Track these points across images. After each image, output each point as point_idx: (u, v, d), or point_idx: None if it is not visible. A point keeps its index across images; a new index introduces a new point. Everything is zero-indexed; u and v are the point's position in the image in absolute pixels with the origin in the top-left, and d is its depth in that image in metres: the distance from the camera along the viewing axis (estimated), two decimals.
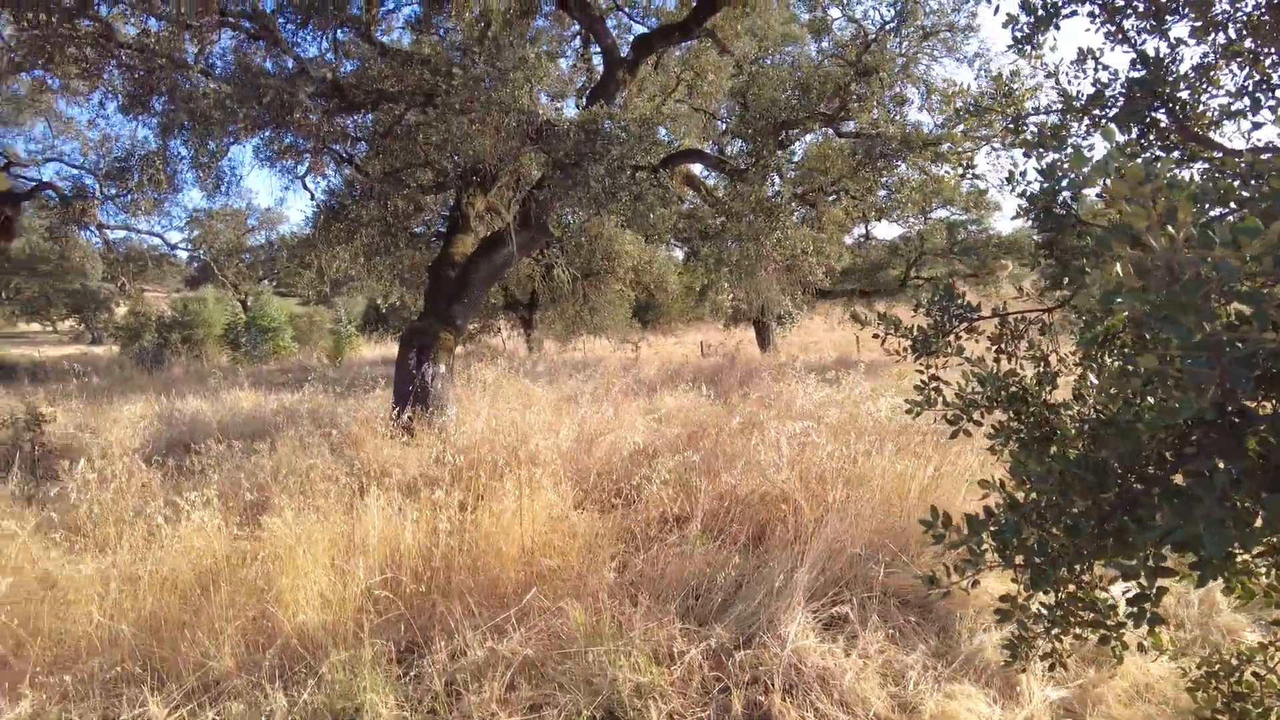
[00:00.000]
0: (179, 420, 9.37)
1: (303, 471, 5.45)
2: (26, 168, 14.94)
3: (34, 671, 3.11)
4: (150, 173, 7.12)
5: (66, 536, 4.28)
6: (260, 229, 20.60)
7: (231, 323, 23.14)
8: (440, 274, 8.77)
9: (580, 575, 4.06)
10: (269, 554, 3.89)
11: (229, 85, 6.37)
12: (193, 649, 3.34)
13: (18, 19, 6.49)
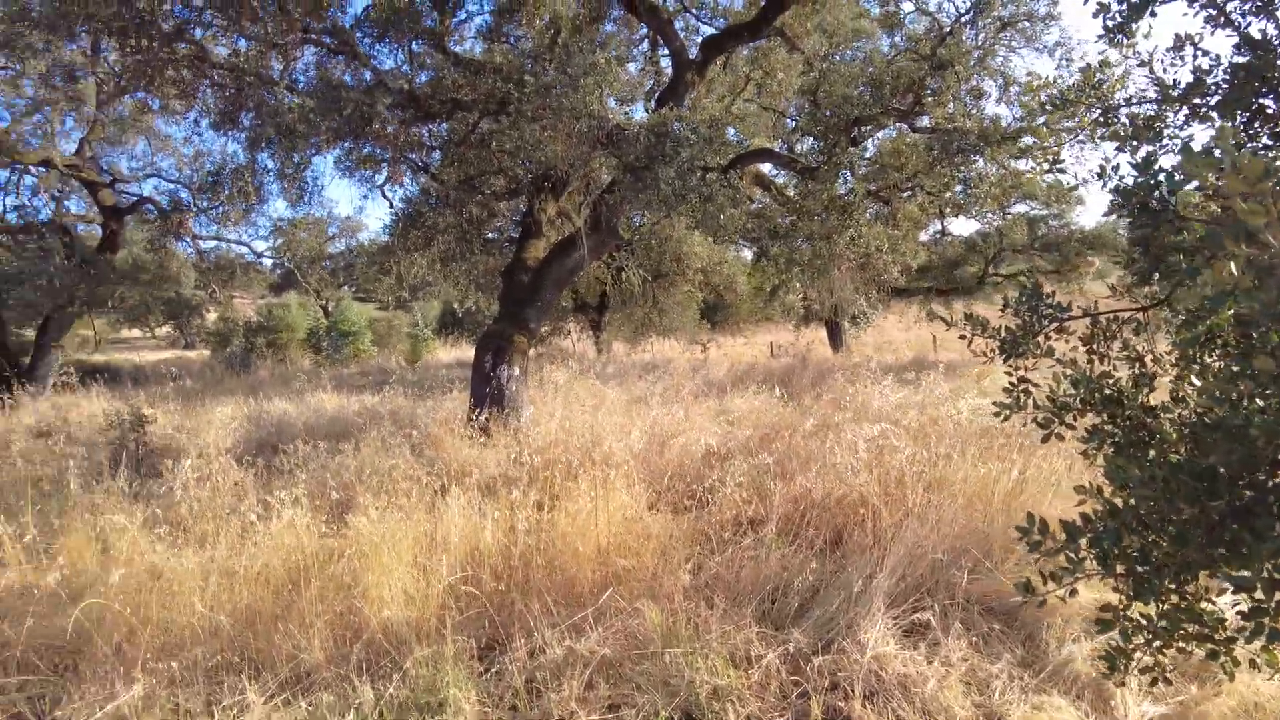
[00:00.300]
0: (267, 421, 9.78)
1: (385, 471, 5.62)
2: (129, 184, 15.85)
3: (145, 658, 3.30)
4: (240, 185, 7.46)
5: (170, 531, 4.52)
6: (340, 237, 21.35)
7: (314, 327, 24.02)
8: (513, 278, 8.93)
9: (655, 576, 4.08)
10: (355, 551, 4.03)
11: (312, 99, 6.63)
12: (285, 641, 3.49)
13: (123, 46, 6.89)
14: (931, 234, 20.83)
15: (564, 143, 7.32)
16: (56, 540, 4.62)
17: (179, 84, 7.58)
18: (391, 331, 25.88)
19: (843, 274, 10.74)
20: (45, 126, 15.37)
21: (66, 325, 16.18)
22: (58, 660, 3.51)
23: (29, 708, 3.22)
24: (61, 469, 6.61)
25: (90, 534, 4.56)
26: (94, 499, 5.50)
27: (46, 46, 7.37)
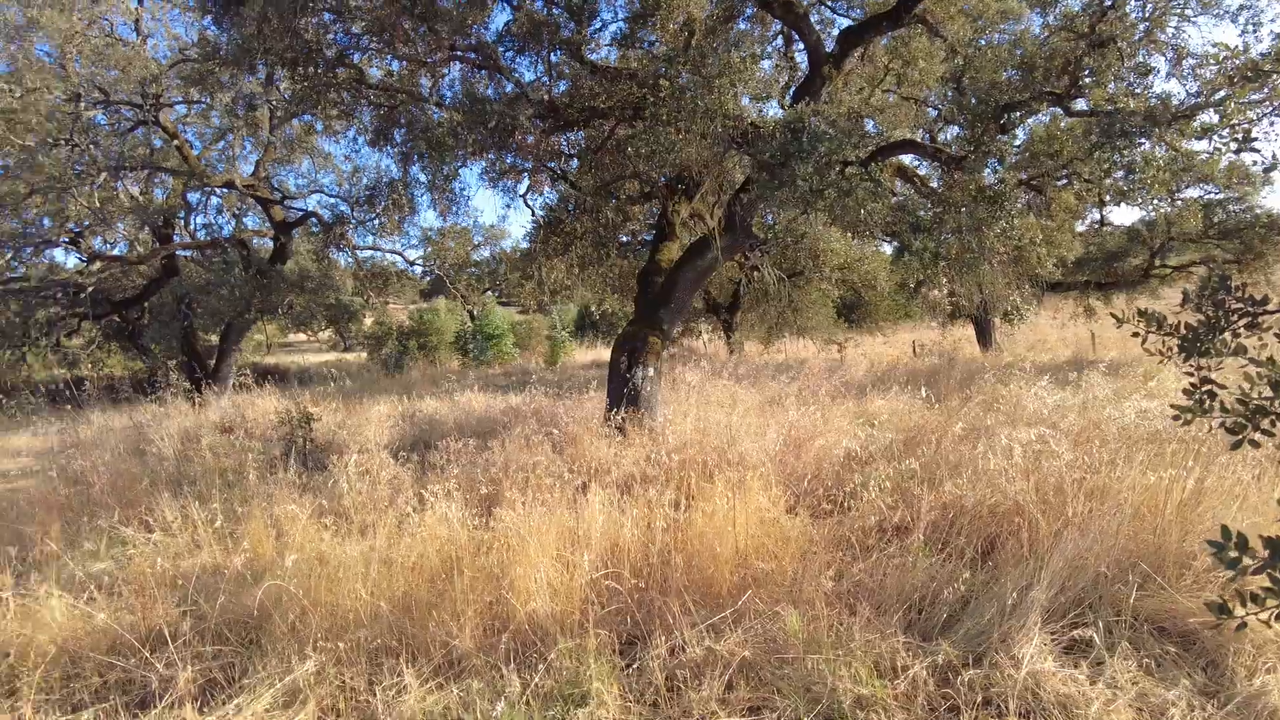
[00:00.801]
0: (420, 419, 10.36)
1: (529, 467, 5.83)
2: (295, 200, 17.24)
3: (315, 636, 3.58)
4: (394, 197, 7.96)
5: (335, 521, 4.88)
6: (485, 245, 22.35)
7: (461, 330, 25.25)
8: (648, 281, 9.04)
9: (795, 581, 4.02)
10: (502, 544, 4.21)
11: (459, 113, 6.98)
12: (439, 629, 3.68)
13: (292, 74, 7.50)
14: (1089, 224, 19.36)
15: (698, 144, 7.34)
16: (240, 526, 5.10)
17: (340, 105, 8.16)
18: (532, 334, 26.83)
19: (993, 268, 10.18)
20: (228, 152, 16.99)
21: (244, 331, 17.78)
22: (244, 634, 3.86)
23: (222, 675, 3.56)
24: (242, 462, 7.27)
25: (267, 521, 4.99)
26: (269, 489, 6.03)
27: (231, 80, 8.15)
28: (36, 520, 5.97)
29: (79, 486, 7.17)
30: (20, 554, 5.21)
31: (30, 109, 13.47)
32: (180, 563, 4.68)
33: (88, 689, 3.53)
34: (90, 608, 4.01)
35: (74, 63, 14.15)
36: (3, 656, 3.65)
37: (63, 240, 17.91)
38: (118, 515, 5.82)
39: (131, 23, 15.65)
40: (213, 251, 18.36)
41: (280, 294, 15.90)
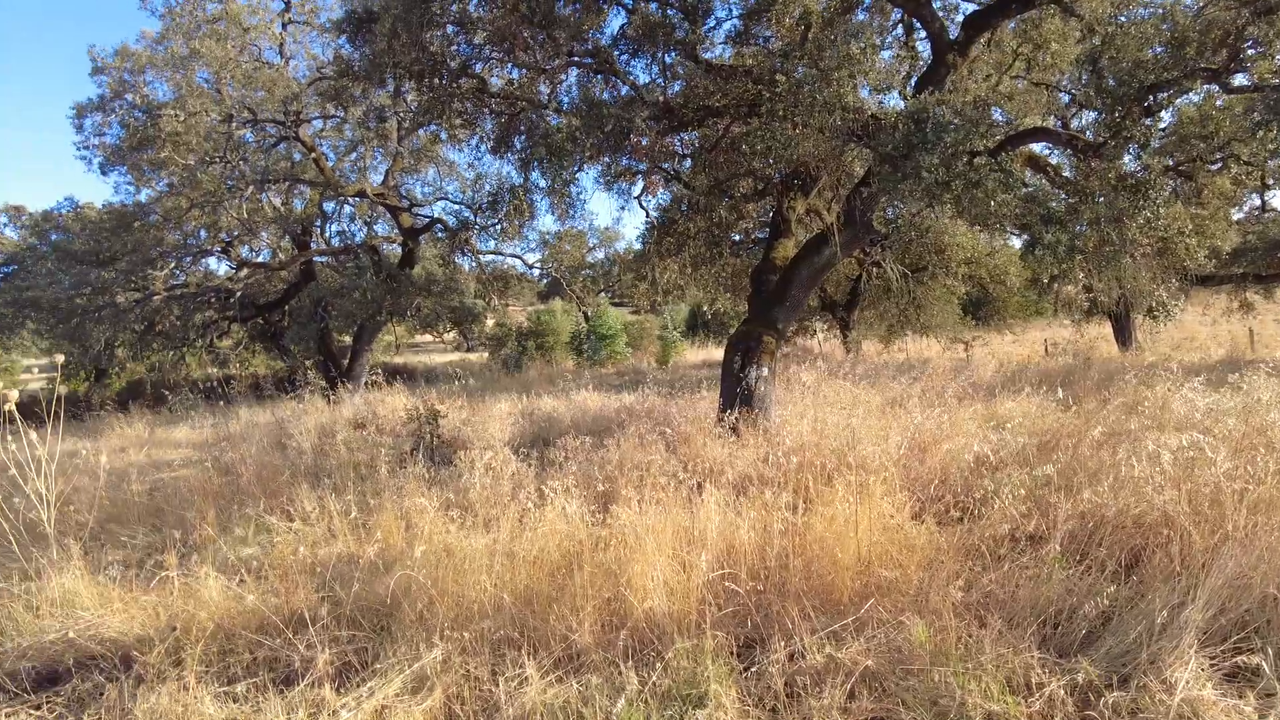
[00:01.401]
0: (538, 417, 10.63)
1: (643, 466, 5.87)
2: (422, 207, 18.09)
3: (442, 625, 3.72)
4: (514, 203, 8.19)
5: (460, 514, 5.07)
6: (599, 247, 22.74)
7: (576, 331, 25.83)
8: (762, 279, 8.94)
9: (920, 590, 3.86)
10: (619, 541, 4.25)
11: (576, 118, 7.11)
12: (559, 623, 3.76)
13: (419, 86, 7.87)
14: (1248, 210, 17.72)
15: (816, 139, 7.19)
16: (372, 517, 5.37)
17: (463, 115, 8.49)
18: (643, 334, 27.08)
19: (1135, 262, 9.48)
20: (359, 162, 18.01)
21: (376, 332, 18.79)
22: (376, 620, 4.06)
23: (356, 658, 3.76)
24: (374, 456, 7.67)
25: (397, 514, 5.24)
26: (399, 483, 6.33)
27: (363, 94, 8.63)
28: (195, 507, 6.49)
29: (229, 477, 7.76)
30: (183, 537, 5.68)
31: (191, 131, 14.72)
32: (318, 551, 4.97)
33: (240, 664, 3.81)
34: (241, 589, 4.32)
35: (227, 86, 15.35)
36: (170, 630, 3.99)
37: (216, 249, 19.47)
38: (263, 504, 6.27)
39: (276, 46, 16.83)
40: (346, 257, 19.52)
41: (409, 297, 16.70)
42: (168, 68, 15.63)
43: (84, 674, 3.90)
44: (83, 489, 7.20)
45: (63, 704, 3.69)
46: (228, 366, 24.78)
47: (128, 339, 19.16)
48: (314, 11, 17.14)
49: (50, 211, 27.33)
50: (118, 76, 16.38)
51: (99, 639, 4.11)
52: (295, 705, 3.31)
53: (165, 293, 18.04)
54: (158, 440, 12.20)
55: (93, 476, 7.59)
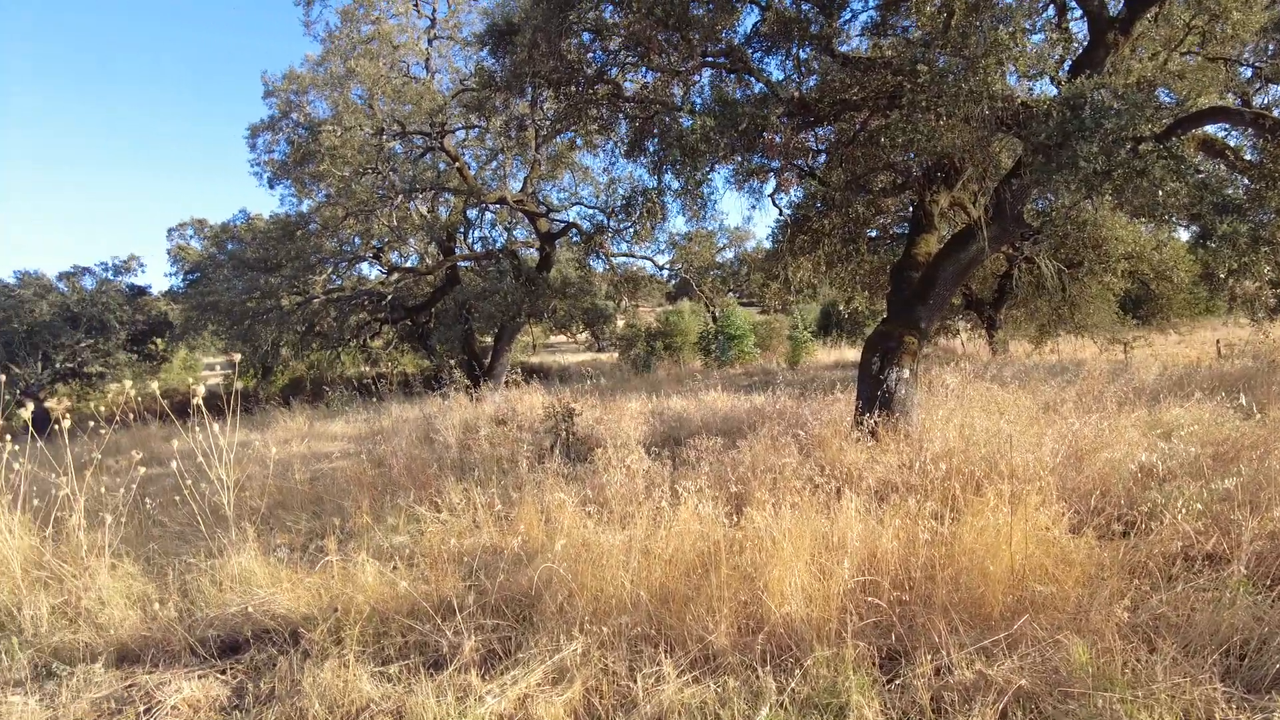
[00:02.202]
0: (668, 417, 10.70)
1: (777, 469, 5.79)
2: (558, 212, 18.61)
3: (582, 619, 3.81)
4: (647, 205, 8.27)
5: (597, 510, 5.16)
6: (729, 247, 22.63)
7: (704, 331, 25.77)
8: (902, 276, 8.61)
9: (1080, 608, 3.60)
10: (754, 544, 4.21)
11: (710, 118, 7.09)
12: (695, 623, 3.76)
13: (556, 94, 8.09)
14: None
15: (960, 129, 6.86)
16: (513, 510, 5.57)
17: (599, 120, 8.66)
18: (773, 334, 26.69)
19: None
20: (500, 170, 18.74)
21: (515, 333, 19.49)
22: (518, 611, 4.21)
23: (500, 646, 3.91)
24: (514, 452, 7.95)
25: (538, 508, 5.41)
26: (538, 478, 6.53)
27: (504, 104, 8.97)
28: (351, 496, 6.95)
29: (382, 469, 8.25)
30: (341, 523, 6.10)
31: (347, 145, 15.78)
32: (464, 541, 5.20)
33: (393, 646, 4.04)
34: (394, 575, 4.58)
35: (379, 102, 16.36)
36: (332, 611, 4.29)
37: (369, 255, 20.80)
38: (412, 495, 6.63)
39: (422, 62, 17.78)
40: (488, 262, 20.37)
41: (545, 299, 17.24)
42: (327, 87, 16.84)
43: (260, 645, 4.26)
44: (254, 476, 7.87)
45: (243, 671, 4.04)
46: (379, 365, 26.44)
47: (291, 339, 20.80)
48: (457, 26, 18.00)
49: (227, 224, 30.18)
50: (285, 98, 17.82)
51: (271, 615, 4.47)
52: (444, 689, 3.47)
53: (324, 296, 19.45)
54: (317, 433, 13.15)
55: (262, 465, 8.27)
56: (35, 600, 4.87)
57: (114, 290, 28.69)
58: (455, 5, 17.94)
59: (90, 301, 27.19)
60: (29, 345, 25.06)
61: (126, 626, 4.57)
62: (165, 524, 6.67)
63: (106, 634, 4.52)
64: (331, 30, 16.96)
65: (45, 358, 25.44)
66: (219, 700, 3.78)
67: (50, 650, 4.45)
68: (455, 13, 17.93)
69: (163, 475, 6.85)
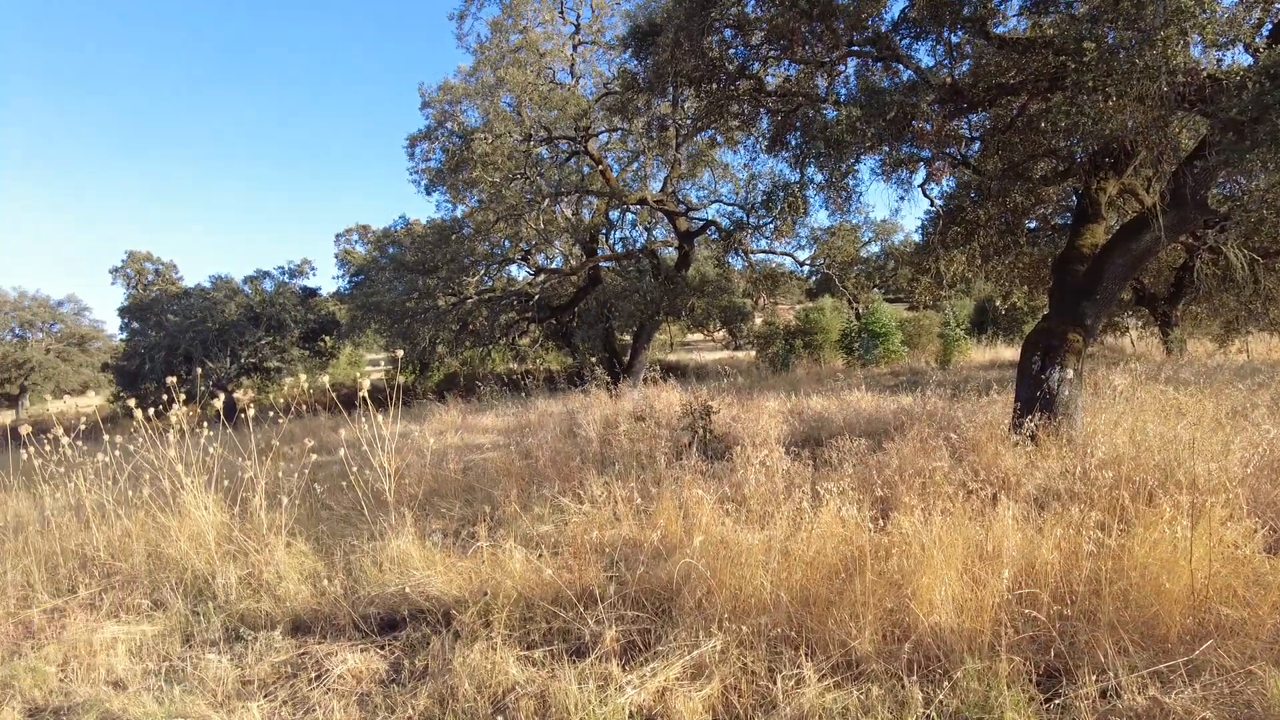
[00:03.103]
0: (808, 416, 10.48)
1: (926, 473, 5.55)
2: (697, 210, 18.66)
3: (721, 616, 3.81)
4: (789, 200, 8.13)
5: (735, 508, 5.14)
6: (875, 240, 21.90)
7: (846, 329, 25.02)
8: (1066, 269, 8.02)
9: (1277, 635, 3.23)
10: (900, 550, 4.05)
11: (856, 108, 6.88)
12: (837, 627, 3.66)
13: (698, 92, 8.10)
14: None
15: (1133, 110, 6.31)
16: (651, 505, 5.63)
17: (740, 116, 8.60)
18: (921, 332, 25.52)
19: None
20: (640, 171, 19.01)
21: (654, 331, 19.72)
22: (657, 604, 4.25)
23: (639, 638, 3.97)
24: (653, 447, 8.04)
25: (676, 503, 5.44)
26: (676, 474, 6.57)
27: (645, 106, 9.08)
28: (500, 486, 7.26)
29: (528, 460, 8.57)
30: (491, 512, 6.38)
31: (497, 151, 16.50)
32: (604, 533, 5.32)
33: (537, 632, 4.19)
34: (540, 563, 4.75)
35: (526, 109, 17.00)
36: (482, 595, 4.51)
37: (517, 257, 21.67)
38: (557, 487, 6.84)
39: (567, 67, 18.32)
40: (628, 261, 20.74)
41: (684, 298, 17.34)
42: (478, 96, 17.69)
43: (415, 624, 4.53)
44: (412, 465, 8.38)
45: (400, 648, 4.31)
46: (526, 362, 27.52)
47: (446, 337, 22.02)
48: (600, 31, 18.41)
49: (388, 229, 32.40)
50: (440, 108, 18.87)
51: (425, 596, 4.75)
52: (586, 676, 3.57)
53: (476, 296, 20.45)
54: (469, 426, 13.83)
55: (419, 455, 8.79)
56: (226, 570, 5.41)
57: (289, 292, 31.43)
58: (598, 10, 18.36)
59: (270, 302, 29.90)
60: (220, 342, 27.85)
61: (299, 600, 5.00)
62: (332, 507, 7.21)
63: (283, 605, 4.96)
64: (482, 41, 17.79)
65: (233, 353, 28.18)
66: (378, 673, 4.06)
67: (238, 616, 4.93)
68: (599, 17, 18.35)
69: (331, 462, 7.41)
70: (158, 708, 3.78)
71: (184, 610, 5.09)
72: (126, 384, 28.35)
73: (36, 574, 5.86)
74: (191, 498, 6.10)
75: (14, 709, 3.99)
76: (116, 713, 3.78)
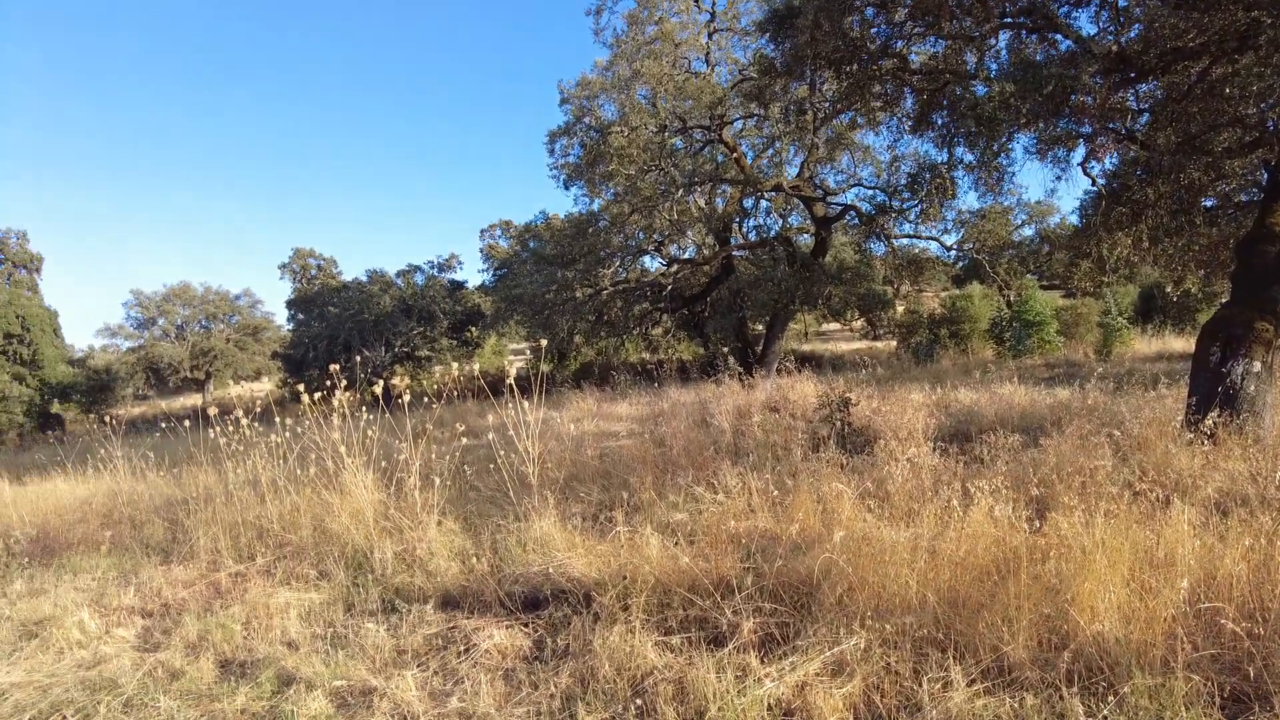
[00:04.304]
0: (955, 410, 10.01)
1: (1086, 472, 5.19)
2: (835, 195, 18.14)
3: (863, 614, 3.71)
4: (936, 181, 7.77)
5: (877, 504, 4.99)
6: (1028, 223, 20.56)
7: (996, 317, 23.64)
8: (1253, 251, 7.24)
9: None
10: (1060, 553, 3.81)
11: (1009, 84, 6.48)
12: (988, 631, 3.49)
13: (838, 74, 7.87)
14: None
15: None
16: (788, 497, 5.55)
17: (882, 97, 8.29)
18: (1079, 321, 23.70)
19: None
20: (775, 158, 18.69)
21: (788, 320, 19.39)
22: (795, 598, 4.20)
23: (777, 631, 3.93)
24: (788, 439, 7.93)
25: (814, 497, 5.35)
26: (813, 467, 6.45)
27: (782, 90, 8.92)
28: (635, 473, 7.38)
29: (662, 449, 8.65)
30: (627, 498, 6.50)
31: (633, 144, 16.69)
32: (740, 524, 5.30)
33: (674, 619, 4.23)
34: (676, 551, 4.80)
35: (661, 100, 17.09)
36: (621, 579, 4.61)
37: (650, 248, 21.88)
38: (690, 476, 6.87)
39: (702, 56, 18.26)
40: (762, 250, 20.49)
41: (820, 286, 16.94)
42: (615, 90, 17.93)
43: (557, 604, 4.69)
44: (552, 450, 8.65)
45: (543, 626, 4.48)
46: (658, 352, 27.79)
47: (583, 327, 22.59)
48: (735, 17, 18.20)
49: (529, 223, 33.63)
50: (578, 103, 19.27)
51: (567, 577, 4.90)
52: (724, 666, 3.58)
53: (611, 288, 20.83)
54: (604, 413, 14.12)
55: (559, 441, 9.07)
56: (383, 546, 5.80)
57: (438, 285, 33.25)
58: None
59: (420, 295, 31.75)
60: (375, 332, 29.83)
61: (449, 575, 5.29)
62: (479, 488, 7.56)
63: (434, 580, 5.26)
64: (618, 35, 18.01)
65: (387, 343, 30.11)
66: (522, 650, 4.23)
67: (393, 589, 5.27)
68: (734, 3, 18.15)
69: (478, 446, 7.79)
70: (325, 669, 4.10)
71: (345, 581, 5.50)
72: (293, 370, 30.92)
73: (223, 540, 6.51)
74: (352, 477, 6.56)
75: (209, 658, 4.45)
76: (290, 670, 4.15)
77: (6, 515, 8.79)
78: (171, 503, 8.14)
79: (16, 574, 6.65)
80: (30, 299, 33.88)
